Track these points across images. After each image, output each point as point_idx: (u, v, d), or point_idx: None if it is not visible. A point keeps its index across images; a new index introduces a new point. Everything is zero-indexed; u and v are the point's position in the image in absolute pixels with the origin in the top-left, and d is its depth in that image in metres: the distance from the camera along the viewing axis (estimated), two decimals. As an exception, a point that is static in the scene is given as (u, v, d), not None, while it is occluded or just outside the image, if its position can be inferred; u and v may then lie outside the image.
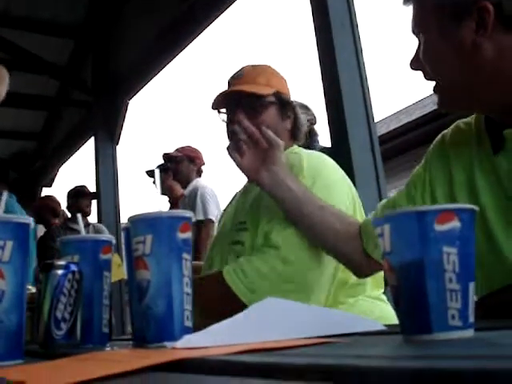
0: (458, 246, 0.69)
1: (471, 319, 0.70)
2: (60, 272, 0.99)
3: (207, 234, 3.85)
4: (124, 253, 1.10)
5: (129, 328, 5.11)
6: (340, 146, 3.05)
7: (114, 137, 6.24)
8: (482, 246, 1.12)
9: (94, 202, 5.65)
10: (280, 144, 1.45)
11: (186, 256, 0.92)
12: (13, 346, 0.86)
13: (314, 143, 3.33)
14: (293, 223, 1.47)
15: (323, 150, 3.21)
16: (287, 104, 1.75)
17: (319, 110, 3.25)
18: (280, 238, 1.49)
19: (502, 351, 0.54)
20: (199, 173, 4.34)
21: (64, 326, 0.97)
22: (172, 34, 5.07)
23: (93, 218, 5.69)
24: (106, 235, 1.22)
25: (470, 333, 0.69)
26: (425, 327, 0.69)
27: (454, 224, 0.70)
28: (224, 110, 1.74)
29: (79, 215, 1.38)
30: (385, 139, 8.47)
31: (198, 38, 4.89)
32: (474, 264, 0.72)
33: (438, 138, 1.34)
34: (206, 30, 4.76)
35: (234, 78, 1.73)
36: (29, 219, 0.90)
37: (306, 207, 1.42)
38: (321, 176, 1.58)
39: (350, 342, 0.72)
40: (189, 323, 0.90)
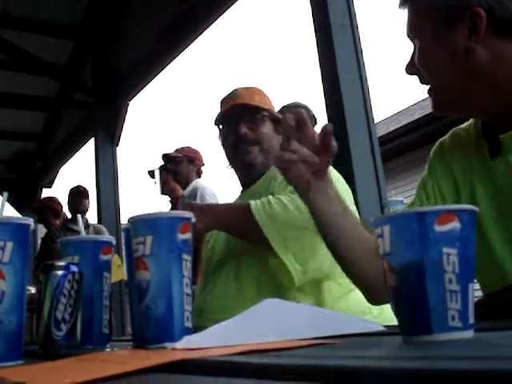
0: (458, 247, 0.69)
1: (471, 320, 0.70)
2: (60, 273, 0.99)
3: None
4: (124, 253, 1.10)
5: (129, 329, 5.12)
6: (340, 147, 3.04)
7: (114, 138, 6.24)
8: (478, 252, 1.12)
9: (93, 202, 5.65)
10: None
11: (185, 257, 0.92)
12: (13, 346, 0.86)
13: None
14: (324, 239, 1.32)
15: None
16: (279, 122, 1.85)
17: (319, 110, 3.26)
18: None
19: (502, 352, 0.54)
20: (199, 173, 4.34)
21: (64, 326, 0.97)
22: (172, 34, 5.07)
23: (93, 219, 5.70)
24: (107, 236, 1.22)
25: (469, 334, 0.69)
26: (425, 328, 0.69)
27: (454, 225, 0.70)
28: (222, 126, 1.88)
29: (79, 216, 1.38)
30: (385, 140, 8.47)
31: (199, 38, 4.90)
32: (474, 265, 0.72)
33: (436, 147, 1.33)
34: (207, 30, 4.77)
35: (228, 97, 1.86)
36: (29, 220, 0.90)
37: (343, 227, 1.26)
38: (339, 181, 1.65)
39: (349, 343, 0.73)
40: (189, 324, 0.90)
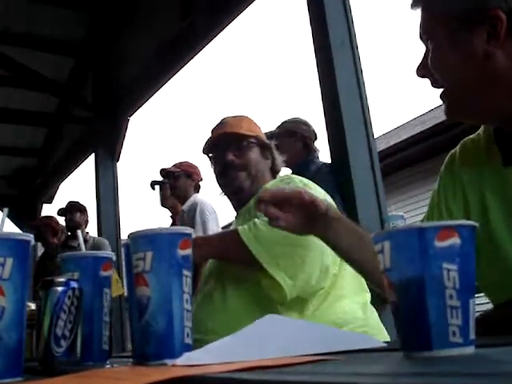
0: (458, 263, 0.69)
1: (472, 336, 0.70)
2: (60, 289, 0.98)
3: None
4: (124, 269, 1.10)
5: (129, 345, 5.09)
6: (340, 165, 3.06)
7: (115, 154, 6.25)
8: (491, 261, 1.11)
9: (93, 218, 5.65)
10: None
11: (186, 272, 0.92)
12: (12, 363, 0.85)
13: (314, 159, 3.35)
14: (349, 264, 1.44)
15: (324, 165, 3.24)
16: (267, 147, 1.97)
17: (319, 125, 3.27)
18: None
19: (502, 368, 0.53)
20: (197, 188, 4.33)
21: (64, 343, 0.97)
22: (172, 51, 5.09)
23: (93, 234, 5.69)
24: (107, 252, 1.22)
25: (470, 350, 0.69)
26: (425, 344, 0.69)
27: (454, 240, 0.70)
28: (211, 155, 1.98)
29: (79, 231, 1.38)
30: (385, 154, 8.49)
31: (199, 54, 4.92)
32: (474, 280, 0.72)
33: (447, 160, 1.31)
34: (207, 46, 4.79)
35: (217, 127, 1.95)
36: (29, 236, 0.90)
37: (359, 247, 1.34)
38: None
39: (349, 360, 0.72)
40: (189, 340, 0.90)
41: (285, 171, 2.13)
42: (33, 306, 1.18)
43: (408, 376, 0.56)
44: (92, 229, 8.64)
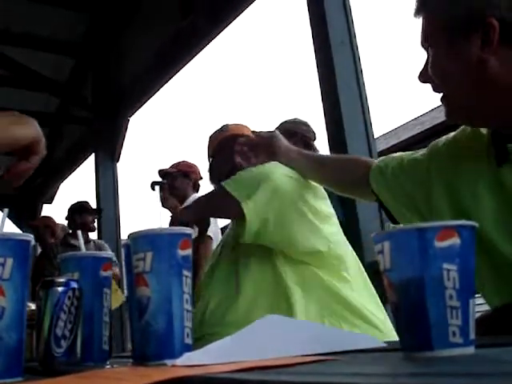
0: (458, 263, 0.69)
1: (472, 336, 0.70)
2: (60, 289, 0.98)
3: (205, 250, 3.84)
4: (124, 269, 1.10)
5: (129, 345, 5.08)
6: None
7: (115, 154, 6.24)
8: (484, 265, 1.12)
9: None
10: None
11: (186, 273, 0.92)
12: (12, 363, 0.85)
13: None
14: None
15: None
16: None
17: (319, 125, 3.27)
18: None
19: (503, 368, 0.53)
20: (195, 187, 4.32)
21: (64, 343, 0.97)
22: (173, 50, 5.09)
23: (93, 235, 5.69)
24: (107, 252, 1.22)
25: (471, 350, 0.69)
26: (425, 344, 0.69)
27: (454, 241, 0.70)
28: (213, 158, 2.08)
29: (79, 232, 1.37)
30: (385, 155, 8.47)
31: (199, 54, 4.92)
32: (474, 280, 0.72)
33: (452, 136, 1.34)
34: (208, 46, 4.79)
35: (219, 131, 2.05)
36: (29, 236, 0.90)
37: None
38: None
39: (350, 360, 0.72)
40: (189, 340, 0.90)
41: None
42: (33, 306, 1.18)
43: (408, 376, 0.56)
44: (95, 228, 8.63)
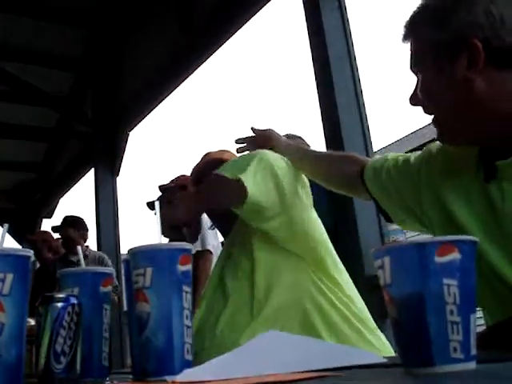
0: (458, 278, 0.69)
1: (473, 351, 0.69)
2: (60, 305, 0.98)
3: (205, 264, 3.83)
4: (124, 285, 1.10)
5: (128, 361, 5.06)
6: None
7: (114, 169, 6.25)
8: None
9: (93, 233, 5.62)
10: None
11: (186, 288, 0.92)
12: (12, 379, 0.85)
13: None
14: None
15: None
16: None
17: (318, 140, 3.28)
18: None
19: (504, 384, 0.53)
20: None
21: (63, 359, 0.96)
22: (172, 65, 5.11)
23: (93, 249, 5.67)
24: (107, 268, 1.22)
25: (472, 365, 0.69)
26: (426, 360, 0.68)
27: (454, 256, 0.70)
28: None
29: (79, 247, 1.37)
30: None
31: (199, 68, 4.94)
32: (474, 295, 0.72)
33: (444, 146, 1.32)
34: (206, 61, 4.81)
35: (201, 159, 2.10)
36: (29, 252, 0.90)
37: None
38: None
39: (350, 375, 0.72)
40: (189, 356, 0.90)
41: None
42: (32, 322, 1.17)
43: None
44: (92, 244, 8.62)
